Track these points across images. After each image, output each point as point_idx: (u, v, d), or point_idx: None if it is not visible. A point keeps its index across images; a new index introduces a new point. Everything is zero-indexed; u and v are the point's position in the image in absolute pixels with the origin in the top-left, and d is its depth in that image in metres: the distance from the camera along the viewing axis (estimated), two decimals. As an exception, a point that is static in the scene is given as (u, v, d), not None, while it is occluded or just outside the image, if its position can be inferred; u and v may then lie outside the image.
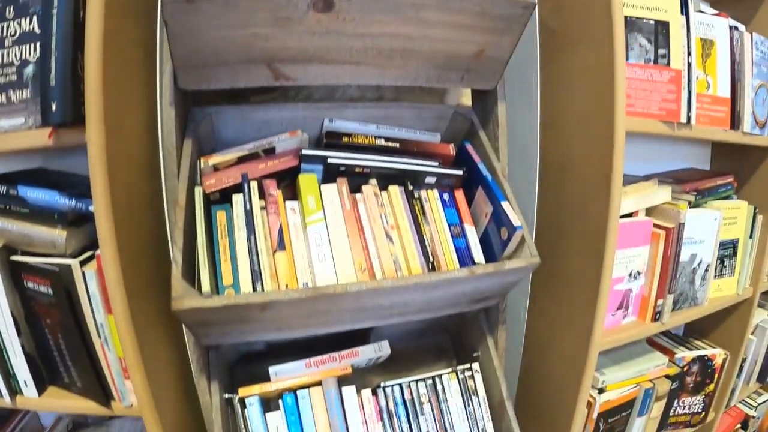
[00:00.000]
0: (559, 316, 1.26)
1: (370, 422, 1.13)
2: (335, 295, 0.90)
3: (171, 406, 1.06)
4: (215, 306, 0.84)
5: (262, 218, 0.95)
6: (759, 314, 1.90)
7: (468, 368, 1.21)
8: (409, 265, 0.98)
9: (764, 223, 1.52)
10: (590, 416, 1.30)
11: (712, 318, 1.74)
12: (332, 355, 1.18)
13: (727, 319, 1.73)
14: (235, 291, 0.91)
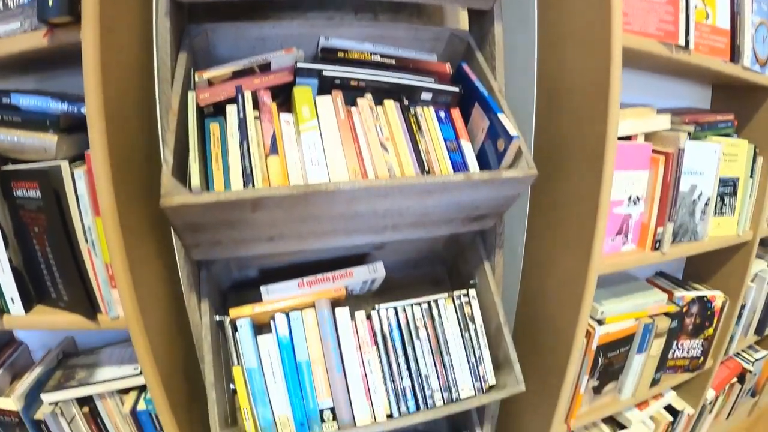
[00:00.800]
0: (558, 239, 1.26)
1: (363, 345, 1.11)
2: (327, 192, 0.88)
3: (158, 322, 1.04)
4: (205, 202, 0.82)
5: (256, 126, 0.93)
6: (758, 264, 1.91)
7: (464, 294, 1.19)
8: (403, 172, 0.97)
9: (765, 164, 1.51)
10: (589, 347, 1.30)
11: (711, 261, 1.77)
12: (326, 275, 1.17)
13: (726, 263, 1.73)
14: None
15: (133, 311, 0.92)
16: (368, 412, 1.07)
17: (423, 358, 1.11)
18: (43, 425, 1.14)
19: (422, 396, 1.10)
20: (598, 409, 1.51)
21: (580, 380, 1.35)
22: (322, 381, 1.07)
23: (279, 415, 1.06)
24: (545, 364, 1.35)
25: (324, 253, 1.21)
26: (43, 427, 1.15)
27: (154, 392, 1.00)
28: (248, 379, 1.05)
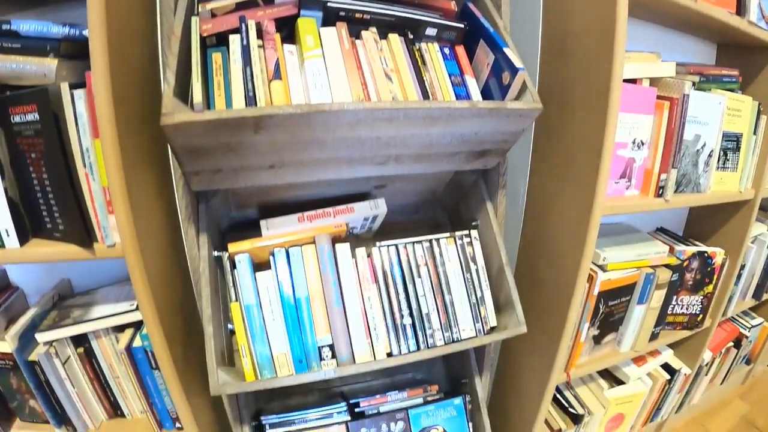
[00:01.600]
0: (561, 180, 1.24)
1: (364, 282, 1.10)
2: (331, 112, 0.86)
3: (156, 252, 1.03)
4: (207, 120, 0.80)
5: (259, 53, 0.91)
6: (759, 227, 1.92)
7: (466, 234, 1.17)
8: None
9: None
10: (591, 292, 1.31)
11: (712, 218, 1.79)
12: (326, 210, 1.16)
13: (727, 221, 1.73)
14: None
15: (130, 236, 0.90)
16: (368, 349, 1.06)
17: (424, 296, 1.10)
18: (37, 367, 1.12)
19: (423, 335, 1.09)
20: (598, 360, 1.52)
21: (580, 327, 1.35)
22: (322, 317, 1.06)
23: (277, 352, 1.05)
24: (546, 308, 1.34)
25: (325, 191, 1.20)
26: (37, 370, 1.13)
27: (149, 325, 0.99)
28: (246, 316, 1.04)
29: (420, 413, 1.35)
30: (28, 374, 1.13)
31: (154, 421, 1.23)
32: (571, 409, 1.68)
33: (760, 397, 2.55)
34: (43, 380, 1.14)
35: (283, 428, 1.30)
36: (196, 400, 1.20)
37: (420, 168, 1.07)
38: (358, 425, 1.32)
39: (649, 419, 2.01)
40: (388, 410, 1.36)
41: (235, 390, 0.99)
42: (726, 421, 2.34)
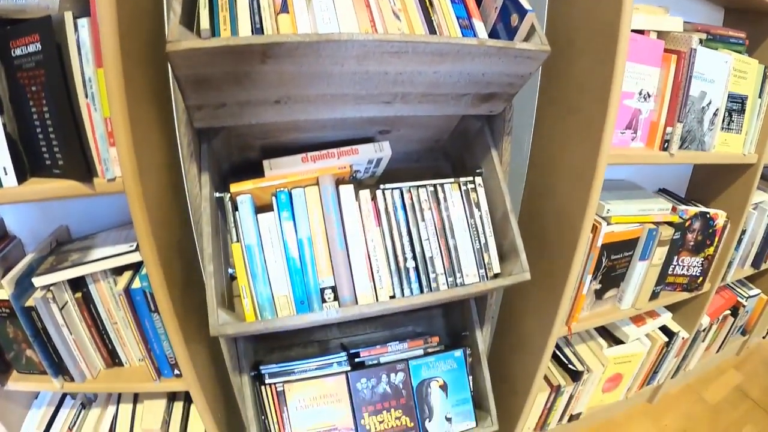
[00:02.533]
0: (567, 128, 1.24)
1: (367, 224, 1.09)
2: (340, 42, 0.84)
3: (156, 190, 1.02)
4: (213, 46, 0.78)
5: None
6: (760, 195, 1.92)
7: (471, 180, 1.18)
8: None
9: None
10: (594, 243, 1.32)
11: (714, 181, 1.79)
12: (330, 151, 1.15)
13: (729, 185, 1.73)
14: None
15: (131, 168, 0.89)
16: (371, 291, 1.06)
17: (428, 240, 1.10)
18: (34, 313, 1.11)
19: (426, 279, 1.09)
20: (599, 315, 1.53)
21: (583, 279, 1.35)
22: (324, 258, 1.05)
23: (278, 294, 1.04)
24: (550, 258, 1.35)
25: (328, 135, 1.19)
26: (34, 316, 1.11)
27: (149, 263, 0.98)
28: (247, 257, 1.03)
29: (420, 365, 1.35)
30: (25, 321, 1.11)
31: (152, 369, 1.21)
32: (571, 366, 1.69)
33: (754, 368, 2.57)
34: (39, 327, 1.12)
35: (282, 378, 1.29)
36: (195, 347, 1.19)
37: (426, 109, 1.05)
38: (358, 375, 1.32)
39: (646, 382, 2.03)
40: (389, 361, 1.36)
41: (235, 330, 0.98)
42: (720, 390, 2.36)
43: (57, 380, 1.20)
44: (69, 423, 1.38)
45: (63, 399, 1.45)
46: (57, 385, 1.19)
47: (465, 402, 1.40)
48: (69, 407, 1.42)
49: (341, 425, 1.30)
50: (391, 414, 1.33)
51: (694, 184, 1.92)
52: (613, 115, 1.08)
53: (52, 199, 0.98)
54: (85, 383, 1.22)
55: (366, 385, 1.32)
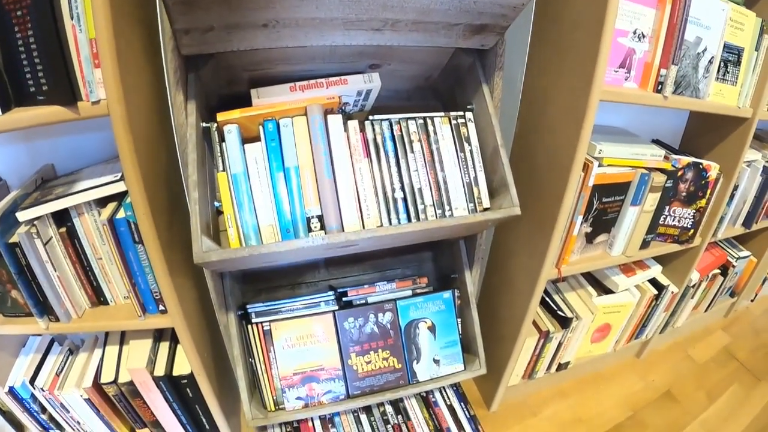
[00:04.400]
0: (561, 63, 1.21)
1: (355, 154, 1.05)
2: None
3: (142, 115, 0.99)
4: None
5: None
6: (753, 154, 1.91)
7: (461, 115, 1.15)
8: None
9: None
10: (586, 182, 1.28)
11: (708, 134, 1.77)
12: (319, 81, 1.12)
13: (724, 139, 1.71)
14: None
15: (115, 90, 0.86)
16: (357, 220, 1.03)
17: (417, 171, 1.10)
18: (18, 250, 1.07)
19: (414, 209, 1.06)
20: (589, 260, 1.51)
21: (574, 219, 1.33)
22: (311, 188, 1.03)
23: (264, 223, 1.01)
24: (541, 196, 1.33)
25: (318, 67, 1.15)
26: (18, 252, 1.08)
27: (133, 189, 0.96)
28: (233, 186, 1.00)
29: (408, 305, 1.33)
30: (9, 258, 1.08)
31: (137, 304, 1.19)
32: (560, 312, 1.69)
33: (742, 331, 2.57)
34: (24, 264, 1.09)
35: (268, 317, 1.27)
36: (181, 281, 1.17)
37: (417, 39, 1.06)
38: (345, 314, 1.30)
39: (634, 336, 2.03)
40: (377, 301, 1.35)
41: (219, 257, 0.95)
42: (707, 350, 2.37)
43: (42, 321, 1.17)
44: (57, 369, 1.36)
45: (51, 345, 1.43)
46: (42, 326, 1.17)
47: (453, 344, 1.38)
48: (57, 353, 1.41)
49: (328, 365, 1.28)
50: (378, 354, 1.31)
51: (688, 137, 1.90)
52: (606, 49, 1.05)
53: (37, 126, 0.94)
54: (70, 323, 1.20)
55: (353, 324, 1.29)
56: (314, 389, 1.26)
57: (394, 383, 1.30)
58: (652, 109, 1.71)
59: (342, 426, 1.38)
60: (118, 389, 1.31)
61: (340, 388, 1.27)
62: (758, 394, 2.12)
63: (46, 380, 1.33)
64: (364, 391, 1.29)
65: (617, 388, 1.99)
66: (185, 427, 1.47)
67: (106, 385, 1.30)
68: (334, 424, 1.39)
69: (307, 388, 1.26)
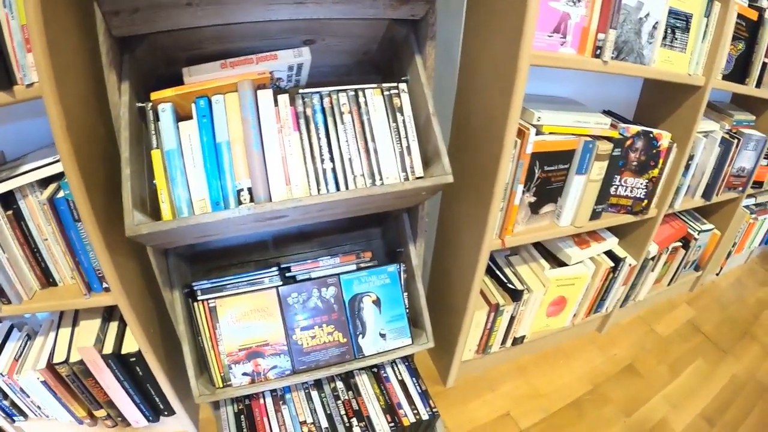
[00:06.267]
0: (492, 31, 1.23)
1: (285, 128, 1.07)
2: None
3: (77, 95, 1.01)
4: None
5: None
6: (711, 125, 1.94)
7: (394, 86, 1.17)
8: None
9: (722, 11, 1.46)
10: (523, 149, 1.29)
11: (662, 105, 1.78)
12: (249, 57, 1.14)
13: (677, 108, 1.72)
14: None
15: (46, 71, 0.88)
16: (285, 190, 1.08)
17: (347, 142, 1.13)
18: None
19: (344, 179, 1.12)
20: (536, 230, 1.52)
21: (514, 188, 1.34)
22: (242, 162, 1.05)
23: (196, 197, 1.04)
24: (479, 165, 1.34)
25: (253, 45, 1.17)
26: None
27: (67, 168, 0.98)
28: (167, 162, 1.03)
29: (352, 279, 1.34)
30: (-41, 243, 1.11)
31: (82, 283, 1.21)
32: (510, 285, 1.70)
33: (708, 304, 2.61)
34: (-27, 248, 1.12)
35: (214, 294, 1.30)
36: (123, 260, 1.19)
37: (343, 11, 1.05)
38: (288, 290, 1.32)
39: (593, 310, 2.01)
40: (320, 276, 1.37)
41: (149, 230, 0.98)
42: (672, 323, 2.40)
43: (-6, 303, 1.19)
44: (15, 354, 1.40)
45: (10, 332, 1.46)
46: (-6, 308, 1.19)
47: (400, 318, 1.40)
48: (16, 339, 1.45)
49: (273, 341, 1.30)
50: (323, 329, 1.34)
51: (641, 107, 1.92)
52: (533, 12, 1.06)
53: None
54: (22, 304, 1.23)
55: (297, 299, 1.32)
56: (260, 365, 1.28)
57: (340, 357, 1.32)
58: (603, 79, 1.74)
59: (293, 402, 1.39)
60: (70, 369, 1.34)
61: (286, 363, 1.29)
62: (723, 368, 2.10)
63: (5, 366, 1.37)
64: (309, 366, 1.31)
65: (578, 363, 2.02)
66: (139, 407, 1.49)
67: (58, 366, 1.33)
68: (285, 401, 1.40)
69: (253, 364, 1.28)
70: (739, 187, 2.26)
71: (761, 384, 2.03)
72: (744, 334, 2.34)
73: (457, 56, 1.42)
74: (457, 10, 1.41)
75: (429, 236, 1.82)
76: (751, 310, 2.54)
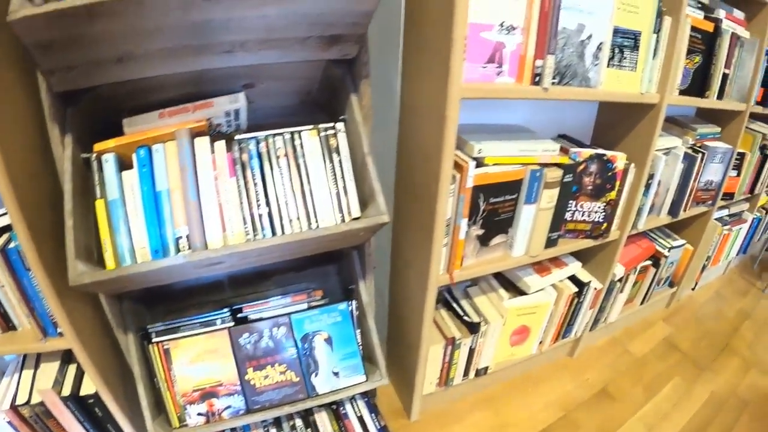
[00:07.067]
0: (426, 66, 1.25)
1: (221, 175, 1.13)
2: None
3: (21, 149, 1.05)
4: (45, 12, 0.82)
5: None
6: (673, 141, 1.97)
7: (331, 127, 1.16)
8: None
9: (673, 26, 1.47)
10: (463, 184, 1.31)
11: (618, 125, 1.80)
12: (186, 106, 1.20)
13: (633, 128, 1.71)
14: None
15: None
16: (221, 237, 1.10)
17: (282, 186, 1.14)
18: None
19: (279, 223, 1.13)
20: (488, 262, 1.53)
21: (457, 223, 1.36)
22: (180, 209, 1.10)
23: (138, 246, 1.10)
24: (421, 202, 1.36)
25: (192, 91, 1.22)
26: None
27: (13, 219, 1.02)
28: (110, 211, 1.09)
29: (303, 318, 1.35)
30: None
31: (38, 329, 1.26)
32: (466, 317, 1.69)
33: (685, 321, 2.63)
34: (-66, 293, 1.18)
35: (168, 336, 1.35)
36: (75, 304, 1.24)
37: (272, 56, 1.09)
38: (240, 330, 1.37)
39: (561, 335, 2.02)
40: (271, 315, 1.40)
41: (91, 278, 1.04)
42: (647, 342, 2.41)
43: (-43, 347, 1.24)
44: None
45: (-22, 373, 1.50)
46: (-43, 352, 1.24)
47: (353, 356, 1.44)
48: None
49: (227, 381, 1.35)
50: (275, 369, 1.38)
51: (598, 129, 1.94)
52: (459, 46, 1.09)
53: None
54: (-17, 349, 1.26)
55: (248, 340, 1.36)
56: (214, 405, 1.32)
57: (293, 397, 1.35)
58: (558, 103, 1.77)
59: (253, 440, 1.43)
60: (33, 411, 1.38)
61: (240, 402, 1.33)
62: (701, 385, 2.10)
63: (-28, 407, 1.41)
64: (263, 406, 1.34)
65: (548, 390, 2.01)
66: (101, 448, 1.54)
67: (21, 407, 1.37)
68: (245, 439, 1.44)
69: (207, 404, 1.31)
70: (708, 200, 2.25)
71: (742, 399, 2.04)
72: (723, 348, 2.36)
73: (397, 91, 1.46)
74: (395, 49, 1.41)
75: (384, 271, 1.85)
76: (730, 323, 2.58)
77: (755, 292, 2.90)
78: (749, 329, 2.53)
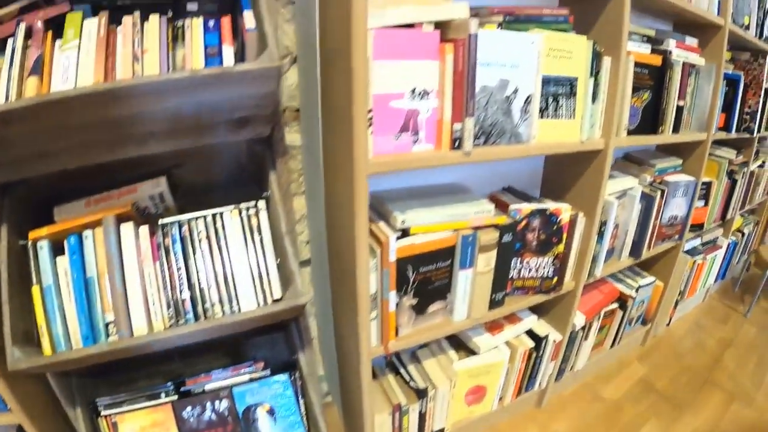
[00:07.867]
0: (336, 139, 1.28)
1: (145, 260, 1.21)
2: (66, 99, 0.96)
3: None
4: None
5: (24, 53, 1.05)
6: (630, 182, 1.99)
7: (252, 206, 1.23)
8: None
9: (614, 66, 1.46)
10: (385, 257, 1.29)
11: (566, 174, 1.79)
12: (111, 193, 1.29)
13: (580, 176, 1.69)
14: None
15: None
16: (146, 324, 1.17)
17: (204, 270, 1.20)
18: None
19: (202, 308, 1.19)
20: (428, 330, 1.51)
21: (385, 297, 1.34)
22: (108, 295, 1.17)
23: (72, 330, 1.17)
24: (347, 278, 1.36)
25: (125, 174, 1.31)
26: None
27: None
28: (45, 297, 1.17)
29: (245, 391, 1.40)
30: None
31: (-13, 405, 1.33)
32: (412, 383, 1.66)
33: (661, 358, 2.59)
34: None
35: (115, 409, 1.40)
36: (23, 381, 1.30)
37: (184, 142, 1.15)
38: (183, 404, 1.44)
39: (522, 389, 1.98)
40: (213, 389, 1.41)
41: (27, 364, 1.11)
42: (621, 386, 2.31)
43: None
44: None
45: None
46: None
47: (296, 426, 1.44)
48: None
49: (172, 454, 1.39)
50: (219, 442, 1.45)
51: (547, 180, 1.93)
52: (360, 122, 1.08)
53: None
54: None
55: (191, 413, 1.43)
56: (162, 476, 1.37)
57: (237, 470, 1.39)
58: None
59: None
60: (-11, 486, 1.45)
61: (184, 476, 1.37)
62: (681, 425, 2.04)
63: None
64: (207, 479, 1.38)
65: None
66: None
67: (-18, 481, 1.44)
68: None
69: (155, 476, 1.36)
70: (674, 236, 2.24)
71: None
72: (704, 382, 2.33)
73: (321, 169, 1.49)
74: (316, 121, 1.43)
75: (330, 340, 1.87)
76: (710, 354, 2.56)
77: (736, 318, 2.90)
78: (731, 358, 2.51)
